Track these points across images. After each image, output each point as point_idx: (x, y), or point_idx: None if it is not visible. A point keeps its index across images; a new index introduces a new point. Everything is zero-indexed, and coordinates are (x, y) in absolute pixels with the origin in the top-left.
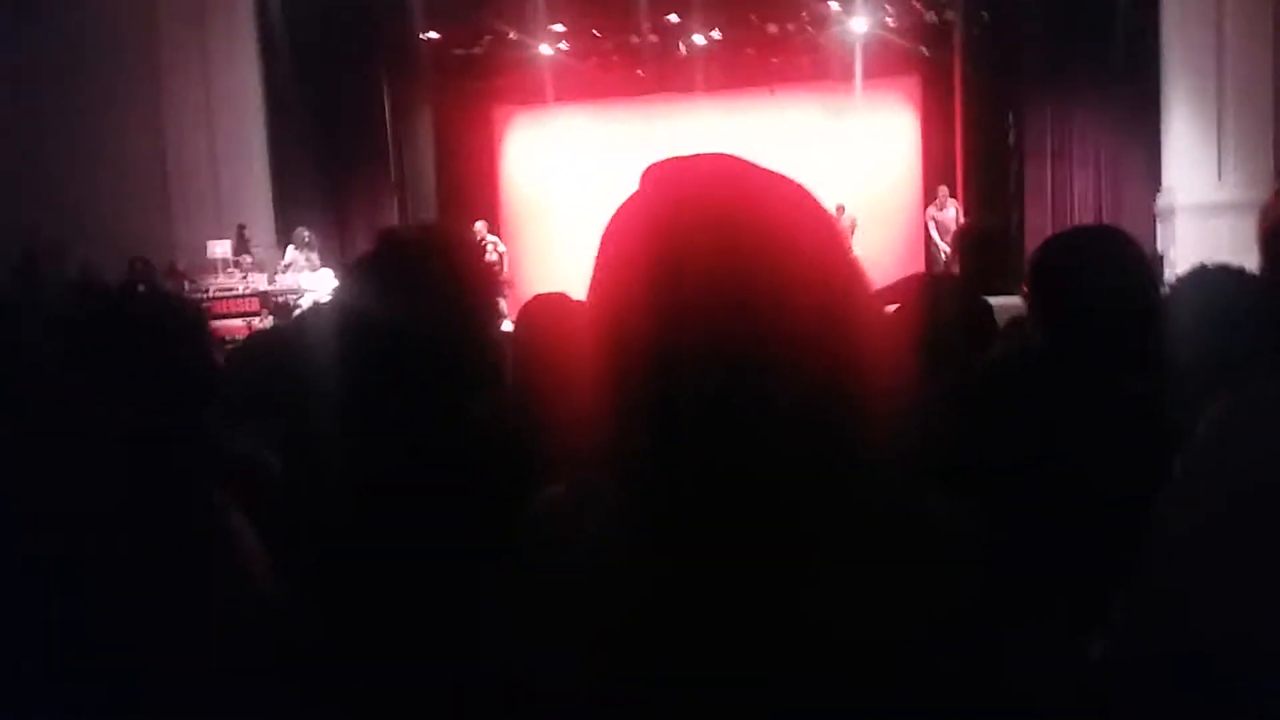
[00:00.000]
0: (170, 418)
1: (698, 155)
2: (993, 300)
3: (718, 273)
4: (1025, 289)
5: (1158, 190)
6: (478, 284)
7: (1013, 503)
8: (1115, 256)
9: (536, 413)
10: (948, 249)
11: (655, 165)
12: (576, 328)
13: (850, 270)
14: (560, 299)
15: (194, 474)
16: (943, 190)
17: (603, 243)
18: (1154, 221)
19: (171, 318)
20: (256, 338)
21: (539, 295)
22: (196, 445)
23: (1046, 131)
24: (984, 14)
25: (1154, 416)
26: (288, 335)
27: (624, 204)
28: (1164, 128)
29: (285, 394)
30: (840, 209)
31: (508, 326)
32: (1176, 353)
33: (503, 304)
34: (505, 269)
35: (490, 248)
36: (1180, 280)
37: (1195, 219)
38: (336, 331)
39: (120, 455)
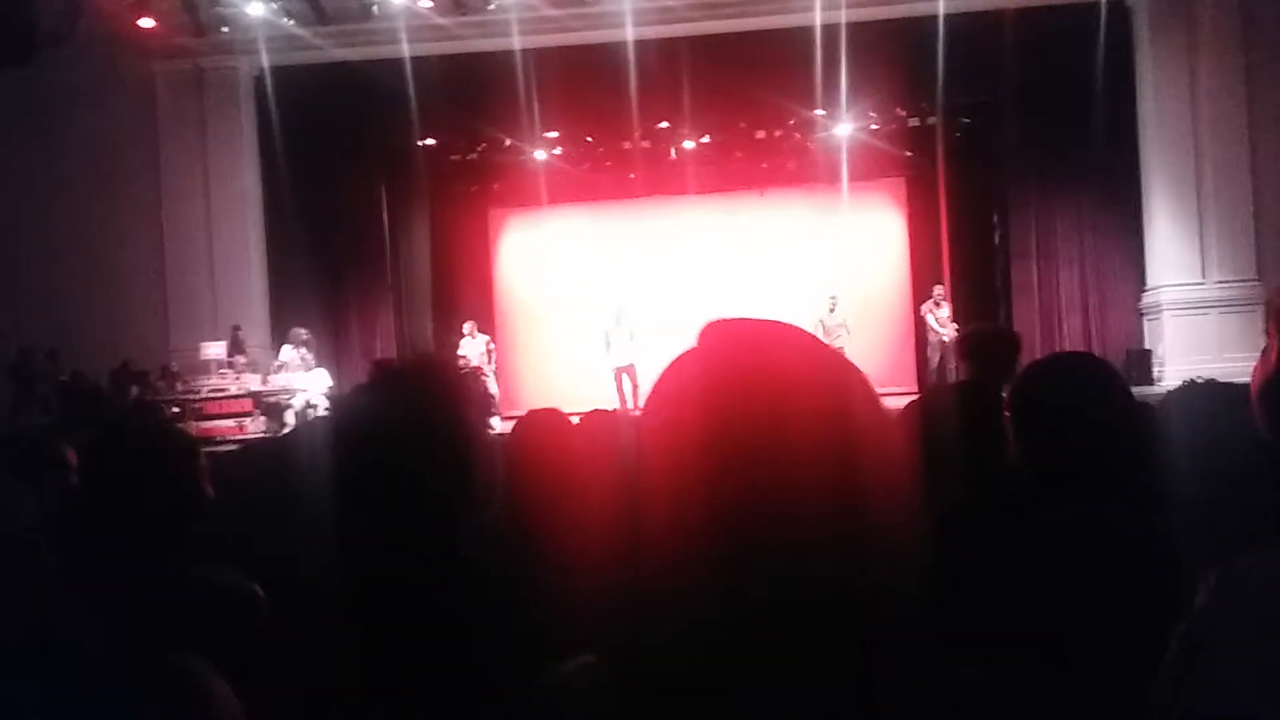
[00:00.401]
0: (155, 553)
1: (756, 320)
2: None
3: (774, 446)
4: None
5: (1143, 288)
6: (467, 414)
7: (1007, 655)
8: (1096, 388)
9: (529, 534)
10: (939, 349)
11: (712, 324)
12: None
13: (892, 432)
14: (556, 417)
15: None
16: (938, 290)
17: (659, 398)
18: (1140, 319)
19: (168, 447)
20: (247, 450)
21: (535, 412)
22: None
23: (1031, 231)
24: (965, 119)
25: (1147, 552)
26: (282, 449)
27: (681, 360)
28: (1146, 226)
29: (276, 517)
30: (834, 301)
31: (499, 426)
32: (1167, 475)
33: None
34: (493, 362)
35: (481, 344)
36: (1169, 397)
37: (1181, 316)
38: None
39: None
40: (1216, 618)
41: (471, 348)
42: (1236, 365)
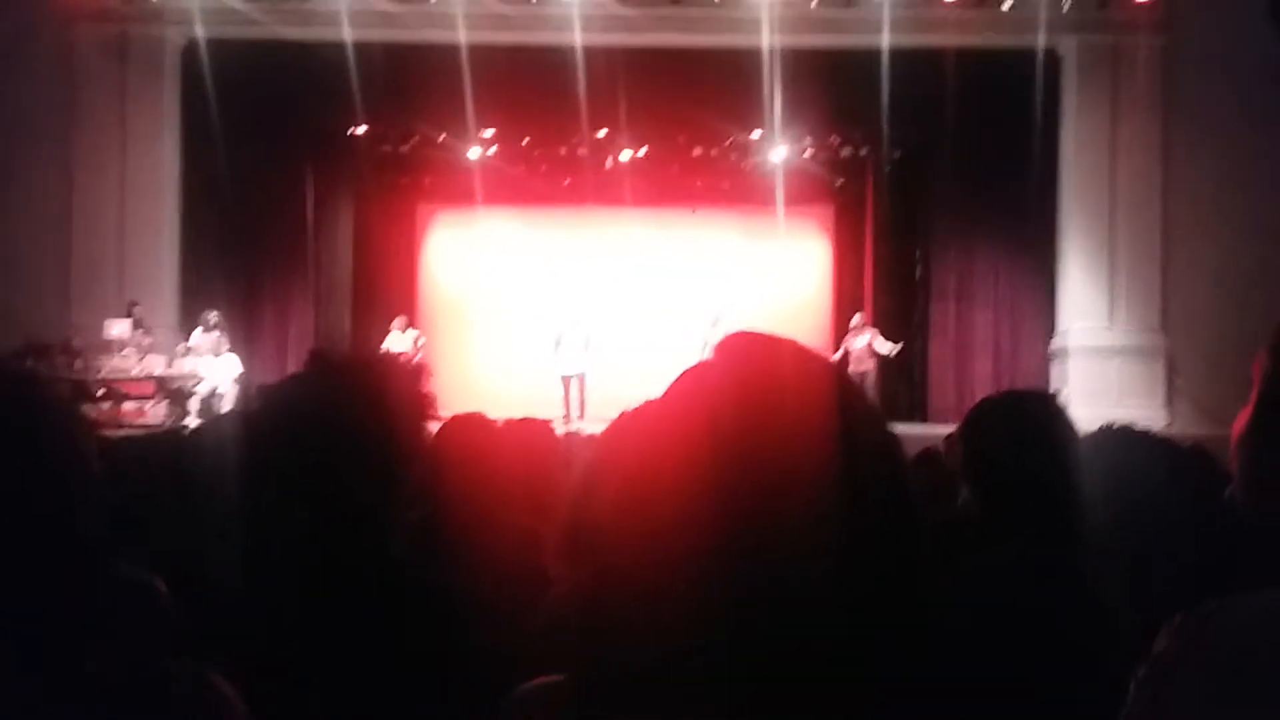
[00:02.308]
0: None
1: (774, 337)
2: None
3: (785, 463)
4: (954, 442)
5: (1052, 332)
6: (410, 413)
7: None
8: (1040, 430)
9: (449, 540)
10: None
11: (736, 336)
12: (500, 454)
13: (896, 457)
14: (480, 421)
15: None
16: (856, 318)
17: (674, 409)
18: (1047, 362)
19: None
20: (148, 440)
21: (459, 416)
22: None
23: (951, 269)
24: (897, 152)
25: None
26: (189, 444)
27: (700, 368)
28: (1059, 271)
29: (179, 510)
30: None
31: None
32: (1090, 519)
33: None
34: (423, 358)
35: (409, 340)
36: (1086, 441)
37: (1087, 361)
38: (250, 447)
39: None
40: (1180, 662)
41: (399, 343)
42: (1135, 412)
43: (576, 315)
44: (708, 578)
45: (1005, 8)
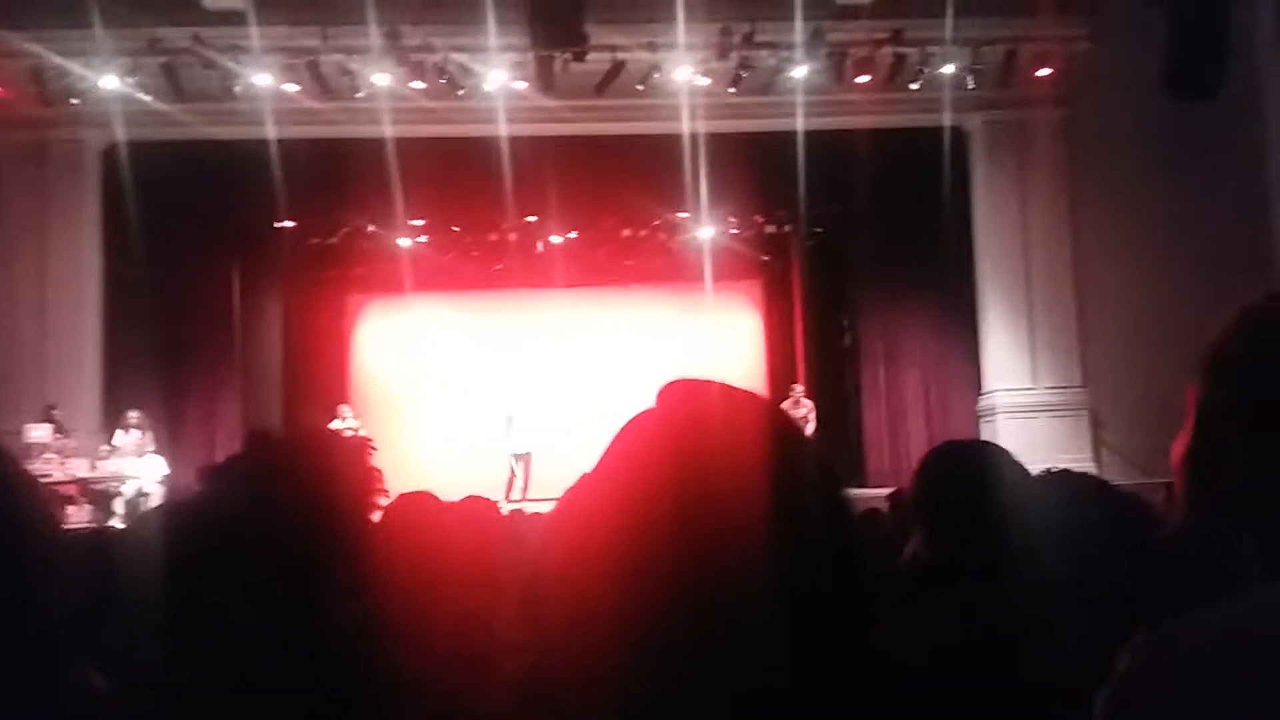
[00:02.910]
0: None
1: (713, 382)
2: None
3: (739, 499)
4: (901, 495)
5: (979, 392)
6: (354, 493)
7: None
8: (1003, 468)
9: (403, 621)
10: None
11: (672, 385)
12: (449, 533)
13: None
14: (429, 500)
15: None
16: (797, 389)
17: (617, 458)
18: (976, 420)
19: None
20: (88, 535)
21: (406, 495)
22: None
23: (878, 336)
24: (819, 228)
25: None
26: (117, 541)
27: (639, 419)
28: (982, 333)
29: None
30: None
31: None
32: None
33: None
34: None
35: (348, 430)
36: (1030, 484)
37: (1014, 419)
38: (188, 535)
39: None
40: (1142, 680)
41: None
42: (1064, 466)
43: (526, 395)
44: (657, 631)
45: (913, 88)
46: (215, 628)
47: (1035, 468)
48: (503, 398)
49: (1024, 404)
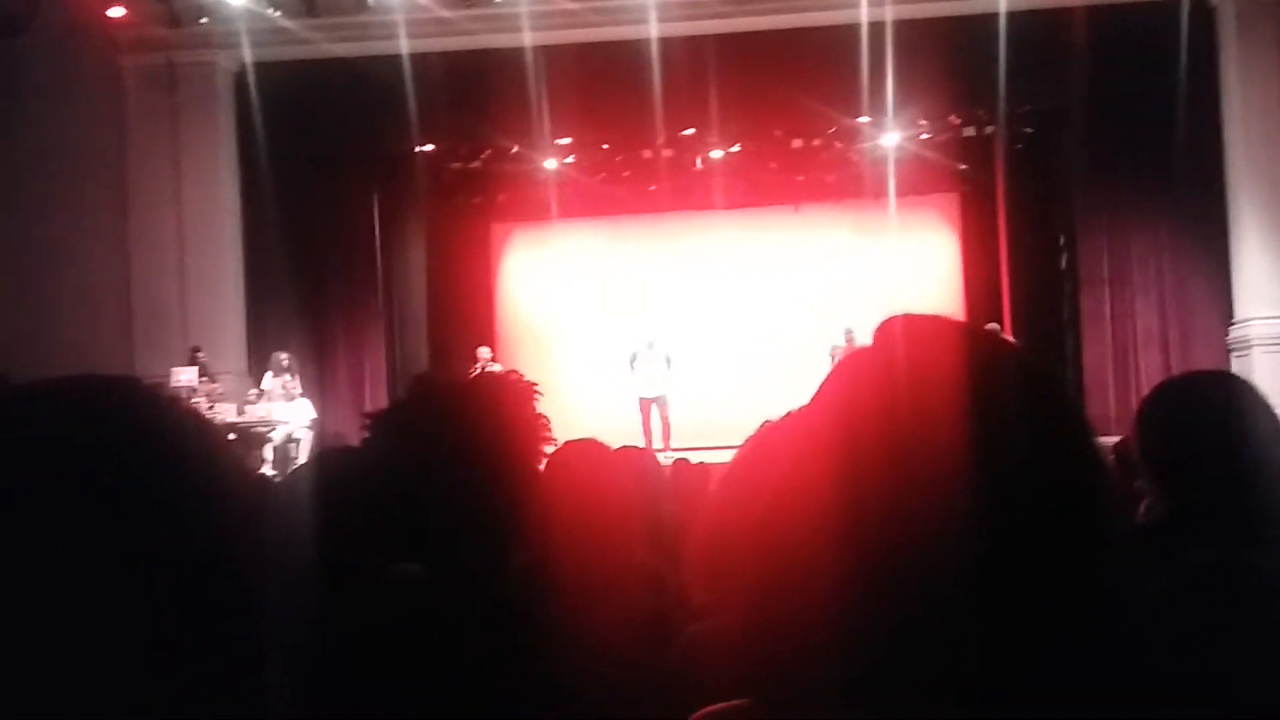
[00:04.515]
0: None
1: (937, 317)
2: None
3: (969, 452)
4: (1130, 443)
5: (1230, 320)
6: (523, 440)
7: None
8: (1244, 409)
9: (573, 577)
10: None
11: (893, 321)
12: (617, 485)
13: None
14: (597, 449)
15: None
16: (848, 330)
17: (827, 405)
18: (1227, 356)
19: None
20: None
21: (573, 443)
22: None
23: (1102, 255)
24: (1027, 129)
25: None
26: (283, 486)
27: (854, 360)
28: (1234, 250)
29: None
30: (850, 336)
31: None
32: None
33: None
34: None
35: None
36: None
37: (1273, 353)
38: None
39: None
40: None
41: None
42: None
43: (653, 331)
44: (874, 593)
45: None
46: (379, 583)
47: None
48: (627, 336)
49: None
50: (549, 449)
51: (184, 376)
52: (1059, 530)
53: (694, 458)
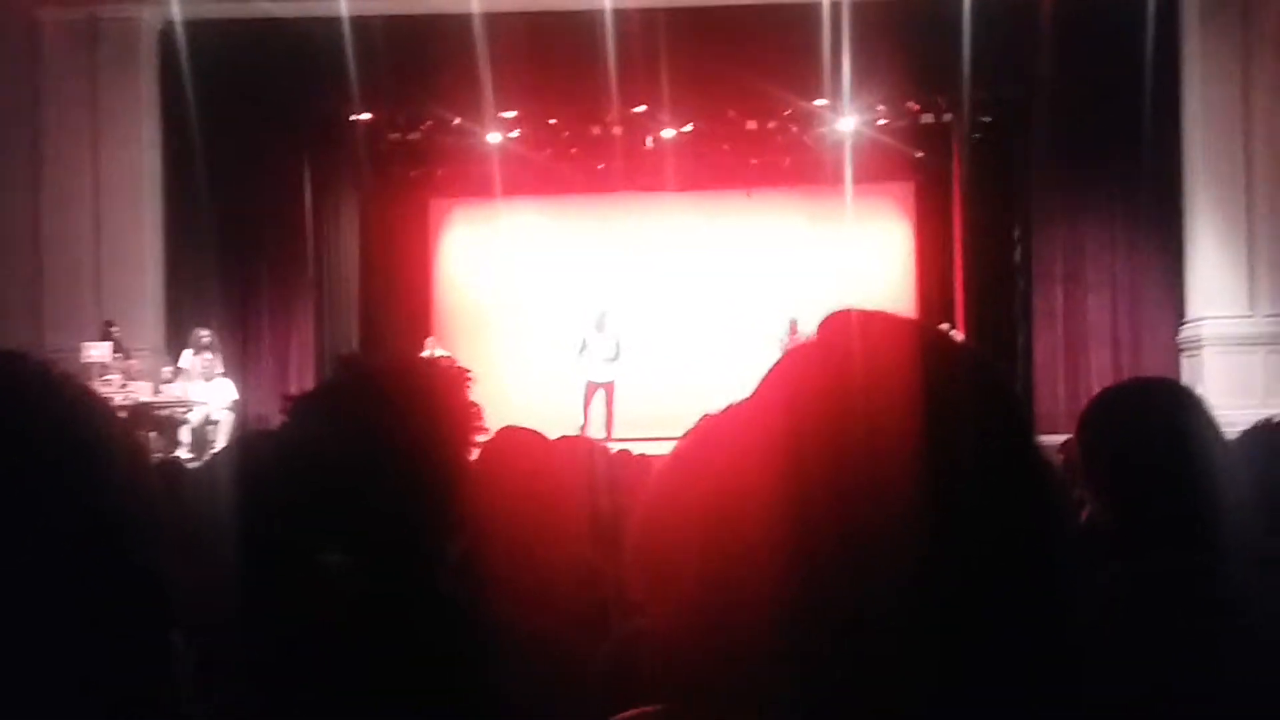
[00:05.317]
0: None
1: (884, 313)
2: None
3: (917, 452)
4: (1070, 447)
5: (1182, 319)
6: (454, 427)
7: None
8: (1185, 418)
9: (508, 569)
10: None
11: (838, 316)
12: (554, 475)
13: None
14: (534, 438)
15: None
16: (791, 319)
17: (768, 401)
18: (1178, 355)
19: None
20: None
21: (507, 430)
22: None
23: (1057, 249)
24: (986, 117)
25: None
26: (201, 471)
27: (798, 355)
28: (1188, 248)
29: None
30: (794, 326)
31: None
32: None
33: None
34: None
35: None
36: (1239, 441)
37: (1225, 353)
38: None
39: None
40: None
41: None
42: None
43: (601, 314)
44: (815, 591)
45: None
46: (301, 573)
47: (1250, 414)
48: (581, 317)
49: (1238, 335)
50: (481, 438)
51: (95, 352)
52: (1007, 534)
53: (638, 448)
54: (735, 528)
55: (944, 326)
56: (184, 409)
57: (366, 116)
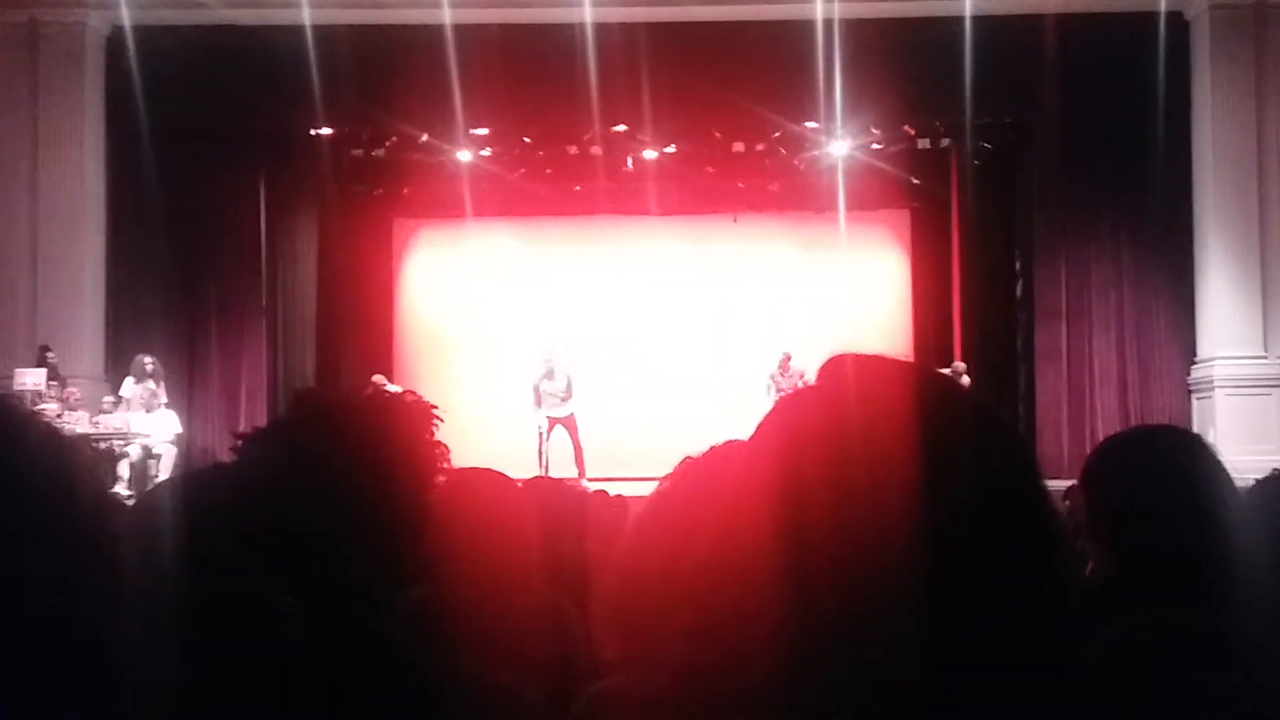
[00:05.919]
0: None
1: (885, 358)
2: None
3: (917, 498)
4: (1075, 495)
5: (1193, 360)
6: (416, 467)
7: None
8: (1195, 468)
9: (471, 618)
10: None
11: (837, 360)
12: (519, 517)
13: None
14: (496, 478)
15: None
16: (958, 366)
17: (766, 450)
18: (1188, 397)
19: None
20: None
21: (468, 471)
22: None
23: (1060, 284)
24: (986, 144)
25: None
26: (138, 509)
27: (796, 400)
28: (1199, 285)
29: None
30: (787, 360)
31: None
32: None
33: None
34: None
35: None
36: (1251, 492)
37: (1237, 395)
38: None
39: None
40: None
41: None
42: None
43: (549, 355)
44: (824, 636)
45: None
46: (248, 620)
47: (1264, 459)
48: (527, 365)
49: (1252, 376)
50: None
51: (29, 379)
52: (1009, 582)
53: (617, 488)
54: (732, 579)
55: (958, 365)
56: (124, 441)
57: (327, 131)
